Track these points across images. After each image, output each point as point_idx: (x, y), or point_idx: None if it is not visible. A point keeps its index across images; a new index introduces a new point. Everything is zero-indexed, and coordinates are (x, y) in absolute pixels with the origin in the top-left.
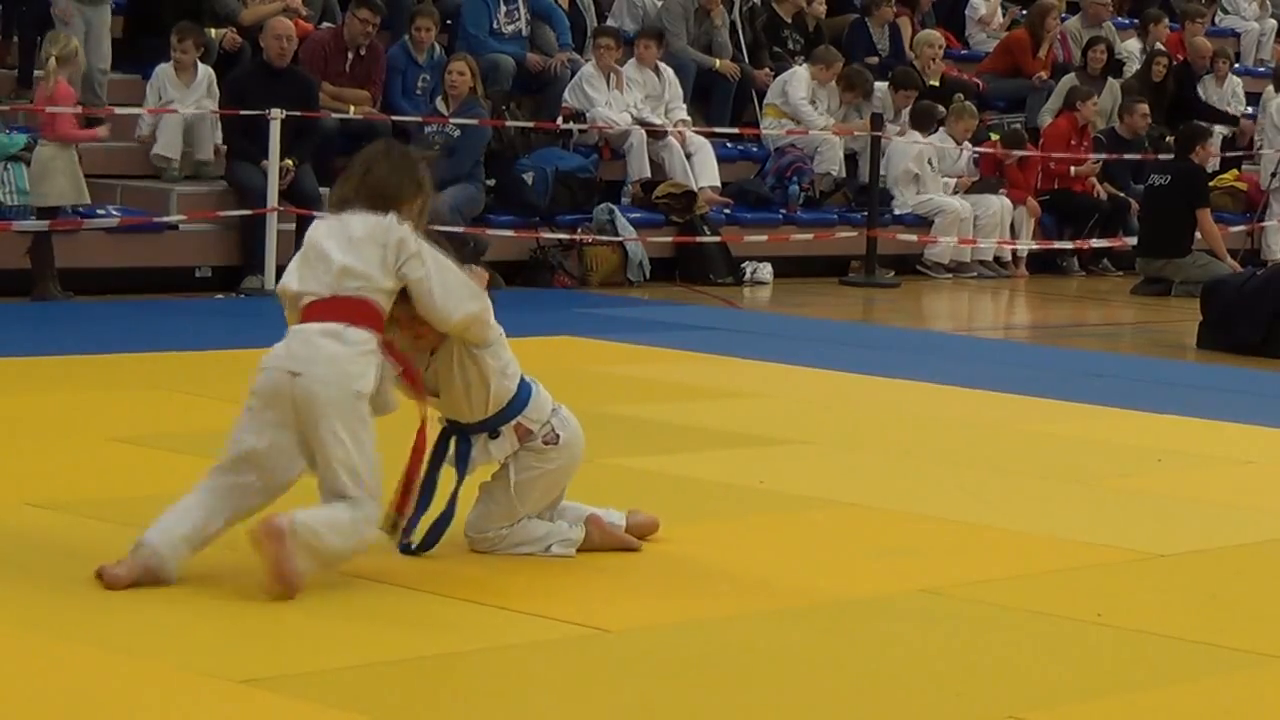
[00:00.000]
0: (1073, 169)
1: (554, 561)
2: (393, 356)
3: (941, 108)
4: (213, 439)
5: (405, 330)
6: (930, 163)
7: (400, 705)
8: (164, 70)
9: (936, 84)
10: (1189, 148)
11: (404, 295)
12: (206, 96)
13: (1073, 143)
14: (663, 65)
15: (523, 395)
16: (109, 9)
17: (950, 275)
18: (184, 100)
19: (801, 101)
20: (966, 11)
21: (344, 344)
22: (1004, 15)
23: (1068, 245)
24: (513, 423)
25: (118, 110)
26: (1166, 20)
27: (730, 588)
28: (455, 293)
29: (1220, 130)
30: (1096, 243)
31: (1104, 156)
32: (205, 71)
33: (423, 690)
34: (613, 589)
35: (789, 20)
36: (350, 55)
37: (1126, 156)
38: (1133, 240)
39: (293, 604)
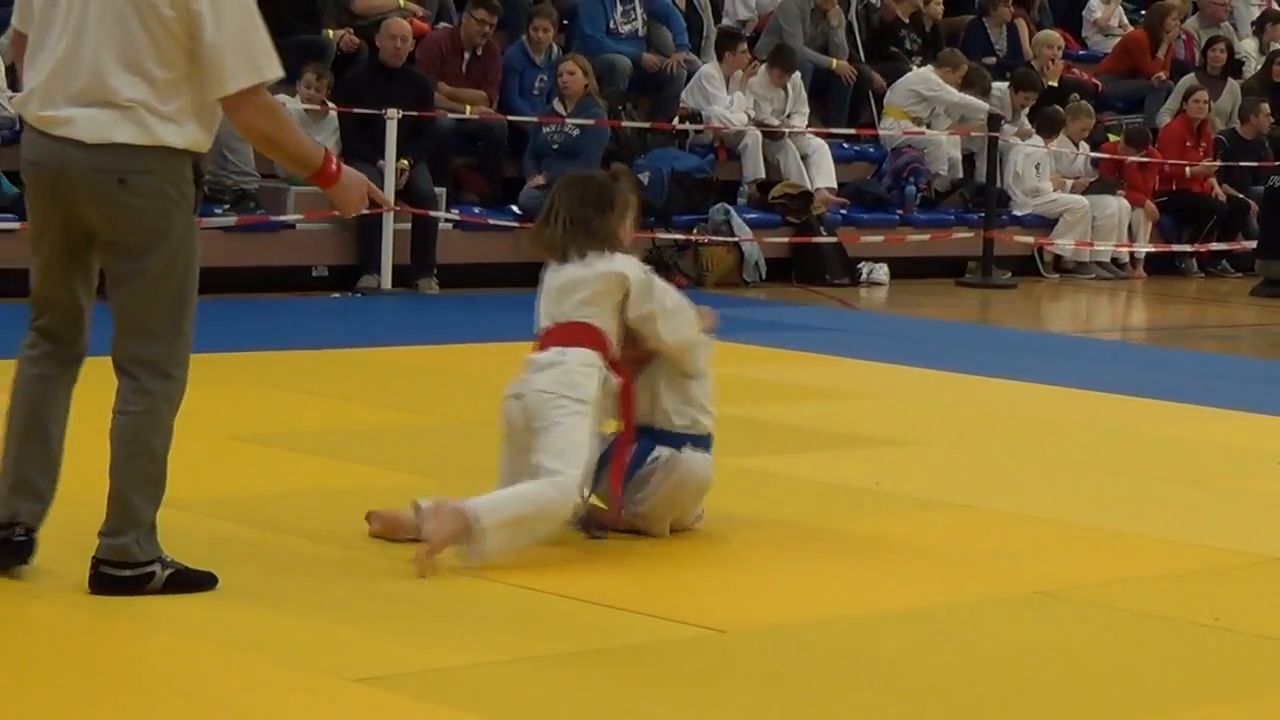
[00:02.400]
0: (1188, 169)
1: (667, 561)
2: (618, 372)
3: (1062, 109)
4: (329, 437)
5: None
6: (1037, 167)
7: (514, 705)
8: (295, 111)
9: (1054, 84)
10: None
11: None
12: (332, 135)
13: (1188, 143)
14: (794, 77)
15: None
16: None
17: (1058, 276)
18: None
19: (949, 90)
20: (1084, 13)
21: (565, 360)
22: (1124, 16)
23: (1186, 248)
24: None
25: None
26: None
27: (844, 589)
28: (675, 319)
29: None
30: (1215, 245)
31: (1218, 164)
32: (332, 117)
33: (535, 690)
34: (726, 589)
35: (906, 20)
36: (467, 56)
37: (1243, 164)
38: (1252, 243)
39: (408, 602)
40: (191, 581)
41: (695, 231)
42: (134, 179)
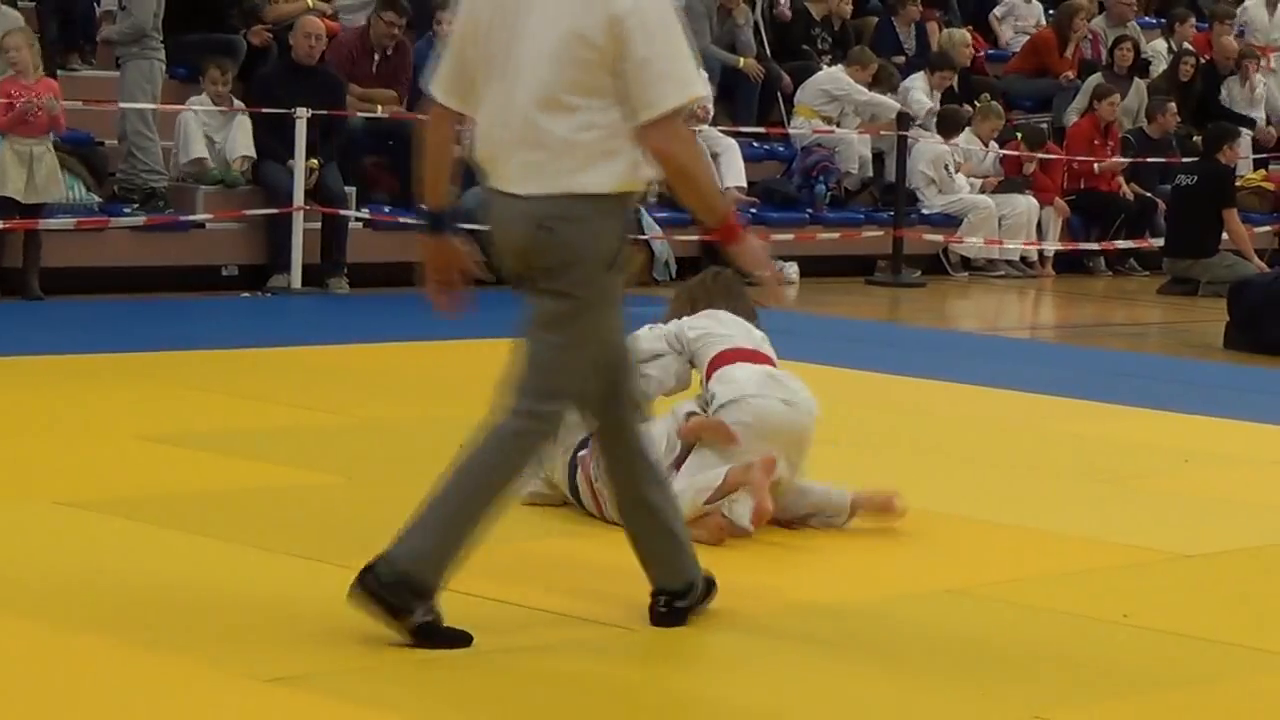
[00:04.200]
0: (1096, 166)
1: (579, 563)
2: None
3: (969, 108)
4: (238, 437)
5: None
6: (947, 168)
7: (426, 704)
8: (199, 102)
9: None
10: (1216, 148)
11: None
12: (244, 134)
13: (1096, 142)
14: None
15: None
16: None
17: (966, 274)
18: (225, 133)
19: (857, 89)
20: (993, 12)
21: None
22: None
23: (1094, 246)
24: None
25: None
26: (1193, 20)
27: (753, 585)
28: None
29: (1246, 131)
30: (1122, 244)
31: (1127, 160)
32: (243, 116)
33: (448, 689)
34: (637, 588)
35: (818, 20)
36: (377, 57)
37: (1150, 160)
38: (1159, 241)
39: (319, 602)
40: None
41: None
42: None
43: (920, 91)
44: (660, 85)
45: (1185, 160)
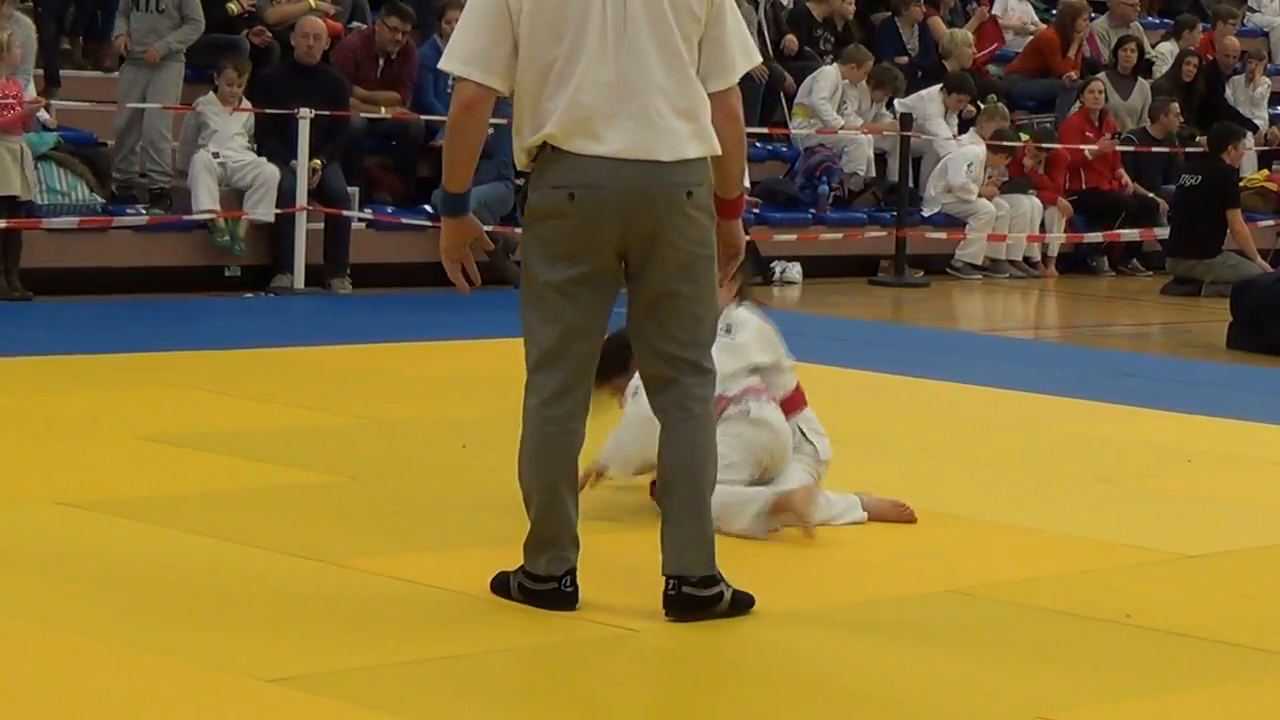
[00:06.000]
0: (1087, 150)
1: (580, 562)
2: None
3: (972, 109)
4: (241, 437)
5: None
6: (968, 167)
7: (427, 705)
8: (208, 101)
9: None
10: (1221, 148)
11: None
12: (241, 132)
13: (1089, 134)
14: None
15: None
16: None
17: (980, 276)
18: (227, 130)
19: (823, 101)
20: (993, 11)
21: None
22: (1034, 15)
23: (1097, 237)
24: None
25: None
26: (1200, 25)
27: (757, 587)
28: None
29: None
30: (1125, 234)
31: (1117, 142)
32: (247, 115)
33: (448, 690)
34: (641, 588)
35: (820, 20)
36: (381, 61)
37: (1155, 150)
38: (1163, 232)
39: (321, 602)
40: (745, 602)
41: None
42: (699, 192)
43: (937, 117)
44: (737, 52)
45: (1190, 152)
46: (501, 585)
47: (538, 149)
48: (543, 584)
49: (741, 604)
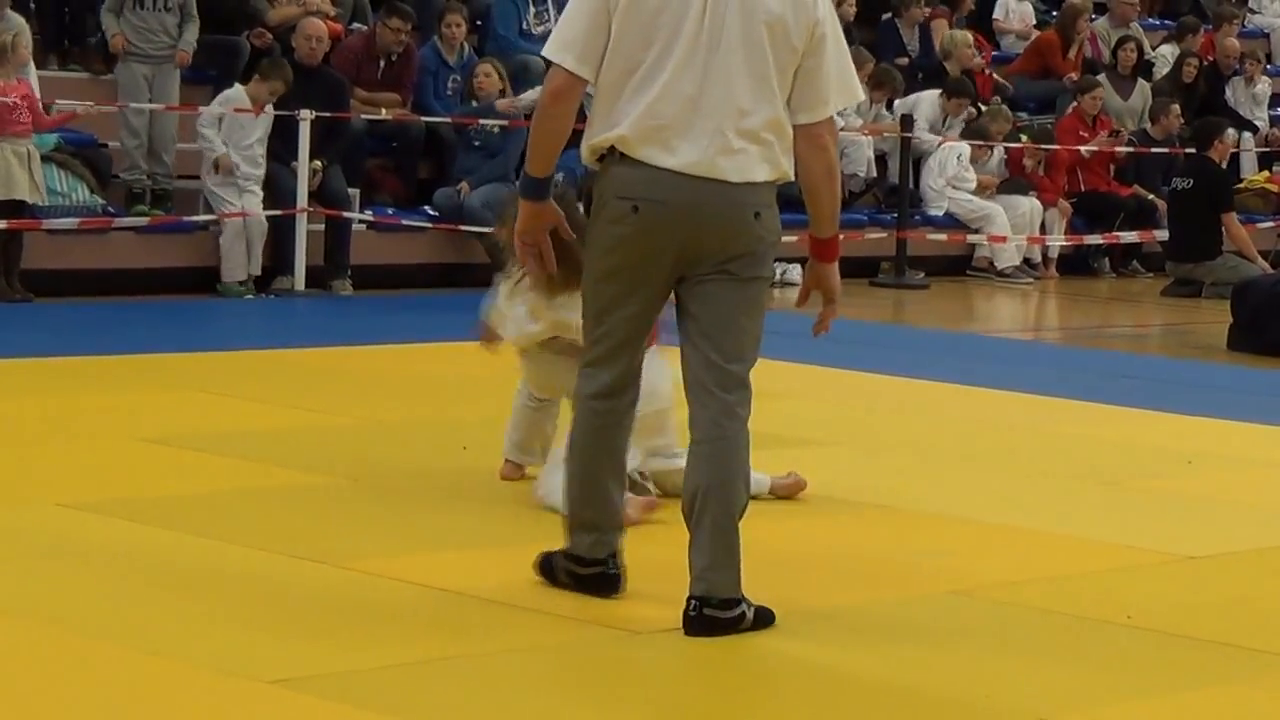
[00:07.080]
0: (1083, 150)
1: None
2: None
3: (974, 110)
4: (241, 438)
5: None
6: (959, 157)
7: (429, 707)
8: (235, 96)
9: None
10: (1207, 144)
11: None
12: (262, 137)
13: (1084, 134)
14: None
15: None
16: None
17: (1002, 279)
18: (250, 130)
19: None
20: (992, 15)
21: None
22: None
23: (1097, 239)
24: None
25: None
26: (1203, 28)
27: (758, 590)
28: None
29: (1246, 134)
30: (1125, 236)
31: (1107, 135)
32: (270, 115)
33: (450, 691)
34: (639, 590)
35: None
36: (382, 62)
37: (1155, 151)
38: (1162, 234)
39: (322, 603)
40: (766, 619)
41: None
42: (766, 214)
43: (924, 119)
44: (832, 89)
45: (1184, 153)
46: (547, 567)
47: (605, 151)
48: (588, 568)
49: (763, 621)
